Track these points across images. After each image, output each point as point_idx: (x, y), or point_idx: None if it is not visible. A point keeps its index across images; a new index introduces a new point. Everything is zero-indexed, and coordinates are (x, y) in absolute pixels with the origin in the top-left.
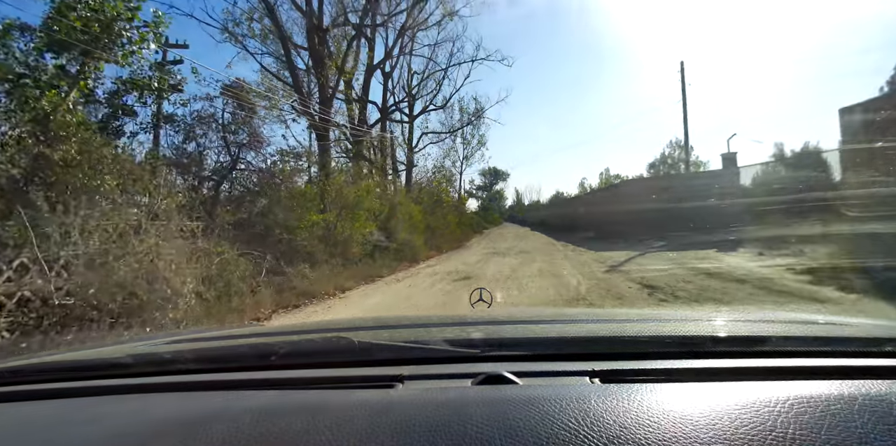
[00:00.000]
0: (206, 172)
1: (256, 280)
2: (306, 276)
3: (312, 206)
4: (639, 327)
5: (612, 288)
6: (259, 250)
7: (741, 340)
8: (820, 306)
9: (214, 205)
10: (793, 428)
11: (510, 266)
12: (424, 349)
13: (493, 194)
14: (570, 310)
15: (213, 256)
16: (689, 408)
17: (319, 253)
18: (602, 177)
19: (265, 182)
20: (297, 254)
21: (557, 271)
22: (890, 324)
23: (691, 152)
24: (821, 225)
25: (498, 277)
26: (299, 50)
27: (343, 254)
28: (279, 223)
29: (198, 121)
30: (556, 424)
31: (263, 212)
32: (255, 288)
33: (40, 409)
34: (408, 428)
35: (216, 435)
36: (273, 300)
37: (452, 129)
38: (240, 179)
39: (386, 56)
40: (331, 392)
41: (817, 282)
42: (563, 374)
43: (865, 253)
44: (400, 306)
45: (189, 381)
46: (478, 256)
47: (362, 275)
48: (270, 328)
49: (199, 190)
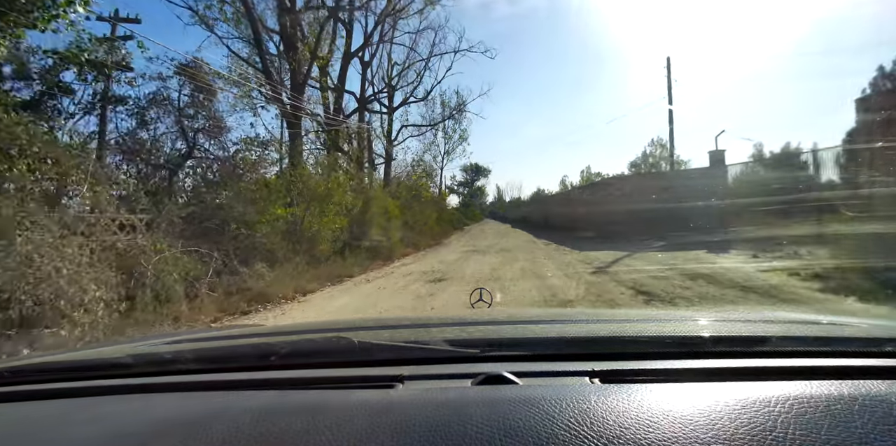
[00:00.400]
0: (161, 160)
1: (202, 282)
2: (264, 277)
3: (278, 199)
4: (639, 327)
5: (602, 293)
6: (211, 247)
7: (741, 340)
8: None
9: (170, 196)
10: (793, 429)
11: (490, 265)
12: (424, 349)
13: (474, 190)
14: (569, 311)
15: (150, 255)
16: (689, 408)
17: (282, 250)
18: (583, 174)
19: (226, 172)
20: (256, 252)
21: (541, 272)
22: (890, 324)
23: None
24: (810, 225)
25: (477, 278)
26: (272, 34)
27: (310, 251)
28: (238, 217)
29: (151, 104)
30: (555, 424)
31: (221, 205)
32: (200, 291)
33: (41, 409)
34: (408, 428)
35: (216, 435)
36: (218, 305)
37: (434, 123)
38: (197, 169)
39: (364, 43)
40: (331, 392)
41: (831, 290)
42: (562, 374)
43: (865, 255)
44: (366, 312)
45: (189, 381)
46: (457, 254)
47: (329, 274)
48: (270, 328)
49: (152, 179)
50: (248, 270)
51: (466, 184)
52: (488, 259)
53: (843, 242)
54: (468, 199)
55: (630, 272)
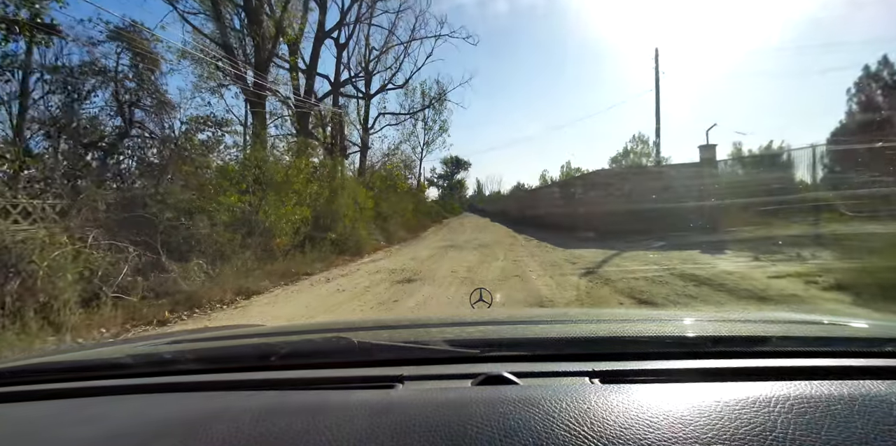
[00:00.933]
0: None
1: (111, 283)
2: (202, 275)
3: (232, 186)
4: (639, 327)
5: (597, 302)
6: (139, 240)
7: (741, 340)
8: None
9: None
10: (793, 429)
11: (467, 264)
12: (424, 349)
13: (454, 183)
14: (569, 311)
15: (49, 249)
16: (689, 408)
17: (229, 244)
18: (563, 169)
19: (171, 154)
20: (199, 246)
21: (524, 273)
22: (890, 324)
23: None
24: (804, 225)
25: (451, 280)
26: (238, 9)
27: (264, 245)
28: (178, 206)
29: (81, 74)
30: (556, 425)
31: (160, 191)
32: (106, 295)
33: (40, 410)
34: (408, 428)
35: (216, 436)
36: (131, 312)
37: (413, 111)
38: (136, 149)
39: (339, 22)
40: (331, 392)
41: (867, 303)
42: (562, 375)
43: (871, 257)
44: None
45: (189, 381)
46: (432, 249)
47: (285, 272)
48: (271, 328)
49: (82, 161)
50: (181, 268)
51: (446, 177)
52: (465, 256)
53: (843, 244)
54: (448, 192)
55: (623, 274)
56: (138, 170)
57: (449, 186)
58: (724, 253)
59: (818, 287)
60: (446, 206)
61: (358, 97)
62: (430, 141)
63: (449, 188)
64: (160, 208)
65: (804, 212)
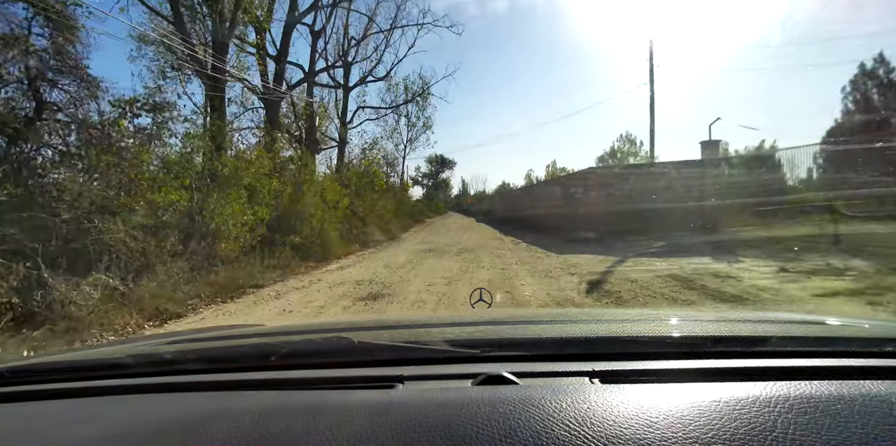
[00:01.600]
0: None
1: None
2: (103, 293)
3: (171, 180)
4: (639, 327)
5: None
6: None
7: (741, 340)
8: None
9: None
10: (793, 429)
11: (447, 274)
12: (425, 349)
13: (438, 182)
14: (569, 311)
15: None
16: (689, 408)
17: (157, 251)
18: (549, 169)
19: (93, 142)
20: (107, 254)
21: (514, 287)
22: (890, 324)
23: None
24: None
25: (426, 297)
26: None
27: (207, 251)
28: (85, 206)
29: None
30: (555, 424)
31: (65, 187)
32: None
33: (41, 410)
34: (408, 428)
35: (216, 436)
36: None
37: (394, 105)
38: (53, 136)
39: (314, 5)
40: (331, 392)
41: None
42: (562, 375)
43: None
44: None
45: (189, 381)
46: (409, 254)
47: (227, 285)
48: (271, 328)
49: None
50: (67, 284)
51: (431, 176)
52: (446, 263)
53: (866, 248)
54: (432, 191)
55: (635, 290)
56: (54, 162)
57: (434, 185)
58: (740, 260)
59: (890, 310)
60: (431, 206)
61: (335, 87)
62: (413, 138)
63: (434, 187)
64: (58, 207)
65: (804, 212)
